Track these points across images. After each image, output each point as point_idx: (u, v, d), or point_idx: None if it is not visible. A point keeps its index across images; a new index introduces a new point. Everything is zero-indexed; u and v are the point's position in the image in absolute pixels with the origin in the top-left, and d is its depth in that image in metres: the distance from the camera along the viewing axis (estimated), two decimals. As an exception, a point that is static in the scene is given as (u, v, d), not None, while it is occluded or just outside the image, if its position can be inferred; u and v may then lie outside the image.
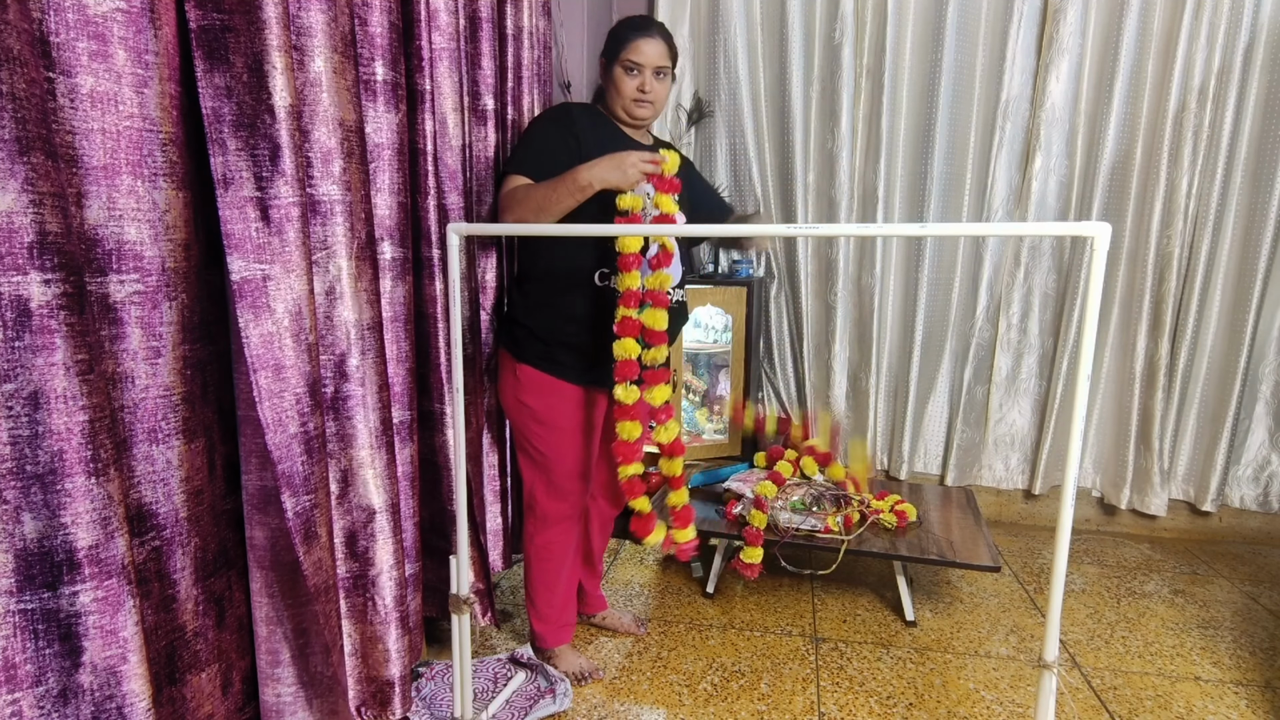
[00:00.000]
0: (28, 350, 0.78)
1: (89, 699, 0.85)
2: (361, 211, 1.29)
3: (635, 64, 1.60)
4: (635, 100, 1.62)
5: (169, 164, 1.00)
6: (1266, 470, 2.61)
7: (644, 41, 1.59)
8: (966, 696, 1.73)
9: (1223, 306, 2.54)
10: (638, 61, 1.59)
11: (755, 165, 2.81)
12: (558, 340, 1.63)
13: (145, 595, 1.00)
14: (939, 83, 2.57)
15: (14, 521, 0.79)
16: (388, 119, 1.39)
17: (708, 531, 2.11)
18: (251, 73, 1.02)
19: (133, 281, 0.97)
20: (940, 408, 2.82)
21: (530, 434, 1.69)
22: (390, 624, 1.40)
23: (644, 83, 1.61)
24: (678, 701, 1.70)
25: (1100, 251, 1.05)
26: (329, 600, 1.23)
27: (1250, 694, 1.77)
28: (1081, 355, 1.08)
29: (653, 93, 1.62)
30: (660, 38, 1.61)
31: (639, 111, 1.64)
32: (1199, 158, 2.45)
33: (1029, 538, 2.71)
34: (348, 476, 1.32)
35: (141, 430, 0.99)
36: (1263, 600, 2.25)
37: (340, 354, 1.27)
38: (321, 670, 1.25)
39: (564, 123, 1.63)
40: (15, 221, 0.76)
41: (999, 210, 2.65)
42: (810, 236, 2.80)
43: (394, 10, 1.38)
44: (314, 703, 1.27)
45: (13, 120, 0.75)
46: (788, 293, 2.89)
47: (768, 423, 1.70)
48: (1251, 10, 2.33)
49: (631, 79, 1.61)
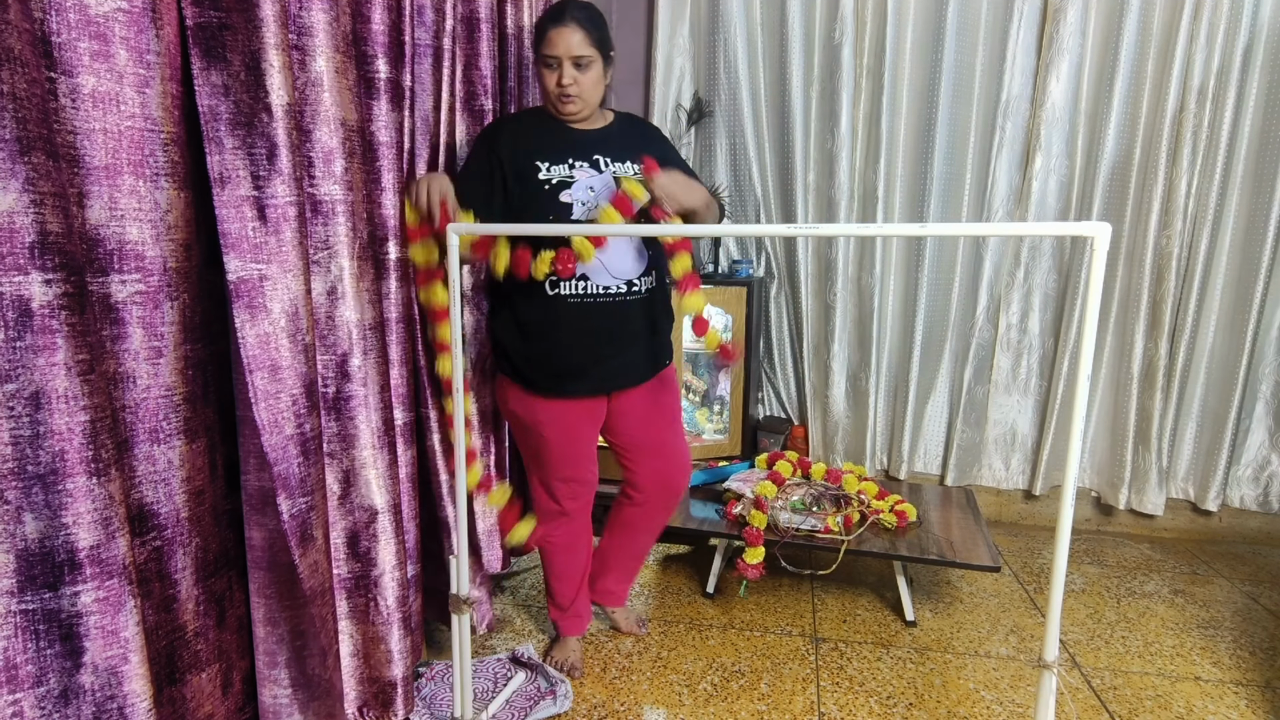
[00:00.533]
0: (29, 350, 0.78)
1: (90, 699, 0.85)
2: (364, 211, 1.29)
3: (551, 57, 1.49)
4: (557, 96, 1.52)
5: (170, 164, 0.99)
6: (1266, 470, 2.61)
7: (556, 32, 1.47)
8: (966, 696, 1.73)
9: (1222, 306, 2.54)
10: (553, 54, 1.48)
11: (755, 165, 2.81)
12: (520, 353, 1.61)
13: (146, 595, 1.00)
14: (939, 83, 2.57)
15: (15, 522, 0.79)
16: (391, 118, 1.39)
17: (708, 531, 2.11)
18: (249, 71, 1.02)
19: (134, 281, 0.96)
20: (940, 407, 2.82)
21: (517, 437, 1.75)
22: (392, 625, 1.40)
23: (561, 76, 1.49)
24: (678, 701, 1.70)
25: (1100, 251, 1.05)
26: (325, 603, 1.23)
27: (1250, 694, 1.77)
28: (1082, 355, 1.08)
29: (575, 85, 1.49)
30: (576, 23, 1.47)
31: (564, 107, 1.53)
32: (1198, 158, 2.44)
33: (1029, 538, 2.71)
34: (350, 477, 1.32)
35: (143, 430, 0.99)
36: (1263, 600, 2.25)
37: (343, 354, 1.27)
38: (318, 673, 1.25)
39: (489, 142, 1.58)
40: (16, 221, 0.76)
41: (999, 210, 2.65)
42: (810, 236, 2.80)
43: (394, 9, 1.38)
44: (310, 706, 1.26)
45: (14, 120, 0.75)
46: (787, 293, 2.89)
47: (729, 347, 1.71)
48: (1251, 10, 2.34)
49: (550, 74, 1.51)
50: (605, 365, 1.62)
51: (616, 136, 1.62)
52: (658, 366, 1.71)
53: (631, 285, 1.58)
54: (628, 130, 1.66)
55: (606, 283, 1.55)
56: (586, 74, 1.51)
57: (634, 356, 1.65)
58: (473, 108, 1.76)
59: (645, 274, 1.61)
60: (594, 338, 1.58)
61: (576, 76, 1.50)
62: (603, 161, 1.58)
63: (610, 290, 1.56)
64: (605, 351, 1.60)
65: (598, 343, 1.59)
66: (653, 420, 1.73)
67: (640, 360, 1.67)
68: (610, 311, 1.58)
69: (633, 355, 1.65)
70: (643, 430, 1.72)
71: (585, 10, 1.51)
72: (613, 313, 1.58)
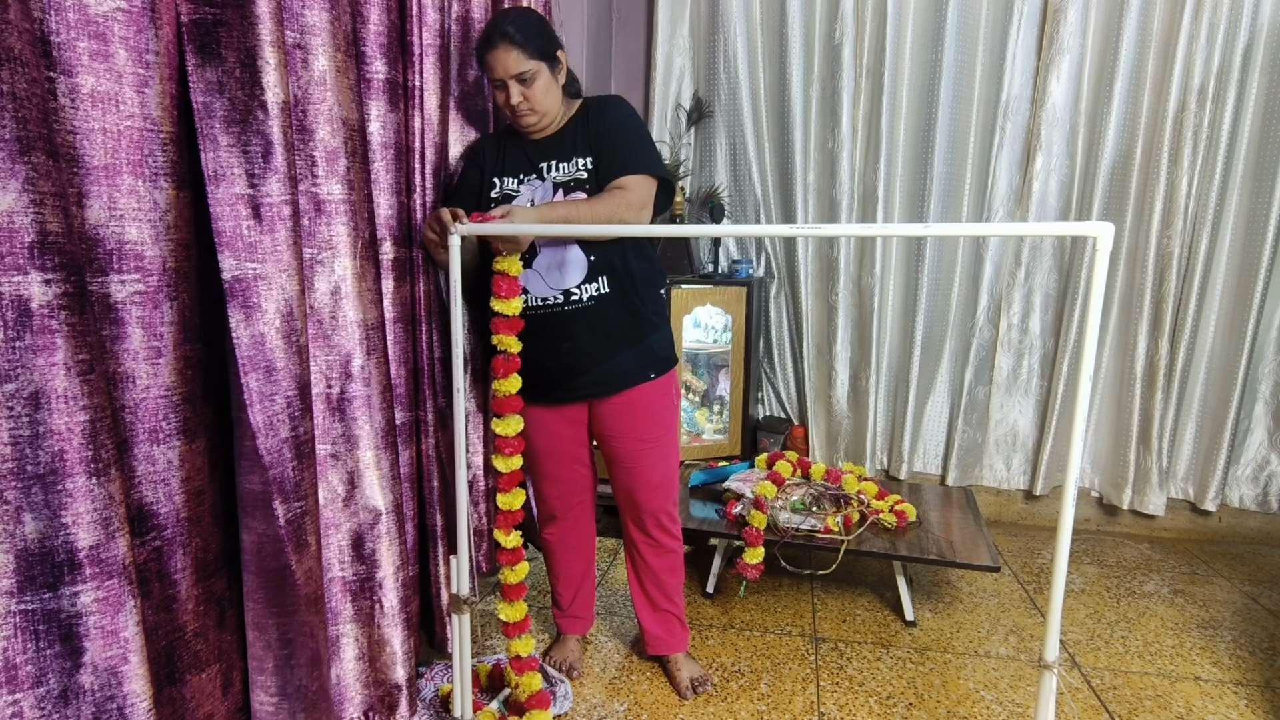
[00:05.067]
0: (28, 350, 0.78)
1: (90, 699, 0.85)
2: (365, 211, 1.29)
3: (496, 80, 1.51)
4: (512, 113, 1.54)
5: (170, 163, 0.99)
6: (1266, 470, 2.61)
7: (491, 55, 1.49)
8: (966, 696, 1.73)
9: (1222, 306, 2.54)
10: (495, 77, 1.51)
11: (755, 165, 2.81)
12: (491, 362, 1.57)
13: (146, 595, 1.00)
14: (939, 83, 2.57)
15: (15, 522, 0.79)
16: (391, 118, 1.38)
17: (708, 531, 2.11)
18: (244, 68, 1.02)
19: (134, 281, 0.96)
20: (941, 408, 2.82)
21: None
22: (397, 626, 1.40)
23: (510, 96, 1.50)
24: (677, 702, 1.70)
25: (1102, 251, 1.05)
26: (316, 611, 1.21)
27: (1250, 694, 1.77)
28: (1083, 355, 1.08)
29: (525, 100, 1.50)
30: (509, 42, 1.46)
31: (522, 121, 1.55)
32: (1199, 158, 2.45)
33: (1029, 538, 2.71)
34: (354, 478, 1.31)
35: (142, 430, 0.99)
36: (1262, 600, 2.25)
37: (346, 354, 1.27)
38: (306, 683, 1.22)
39: (473, 158, 1.64)
40: (16, 221, 0.76)
41: (999, 210, 2.65)
42: (810, 236, 2.80)
43: (393, 9, 1.38)
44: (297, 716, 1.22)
45: (13, 120, 0.75)
46: (788, 293, 2.89)
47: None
48: (1251, 10, 2.34)
49: (500, 94, 1.52)
50: (572, 374, 1.58)
51: (569, 136, 1.58)
52: (631, 379, 1.60)
53: (570, 295, 1.53)
54: (580, 122, 1.60)
55: (544, 294, 1.54)
56: (533, 86, 1.50)
57: (602, 366, 1.58)
58: (469, 107, 1.76)
59: (588, 281, 1.54)
60: (544, 347, 1.55)
61: (524, 92, 1.50)
62: (546, 168, 1.57)
63: (548, 301, 1.54)
64: (567, 360, 1.57)
65: (554, 352, 1.56)
66: (623, 433, 1.63)
67: (607, 370, 1.59)
68: (550, 322, 1.54)
69: (601, 364, 1.58)
70: (614, 443, 1.65)
71: (515, 23, 1.48)
72: (553, 323, 1.55)
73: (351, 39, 1.23)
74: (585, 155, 1.55)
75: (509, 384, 1.45)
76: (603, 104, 1.61)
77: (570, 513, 1.77)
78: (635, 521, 1.72)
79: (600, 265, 1.54)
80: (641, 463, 1.65)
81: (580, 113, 1.61)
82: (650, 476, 1.67)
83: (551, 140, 1.59)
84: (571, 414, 1.66)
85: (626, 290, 1.57)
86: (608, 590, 2.24)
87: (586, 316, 1.54)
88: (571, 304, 1.54)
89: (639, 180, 1.52)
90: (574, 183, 1.54)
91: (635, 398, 1.62)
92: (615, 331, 1.57)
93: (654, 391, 1.64)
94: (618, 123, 1.57)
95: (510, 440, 1.47)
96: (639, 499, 1.68)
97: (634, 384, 1.61)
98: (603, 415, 1.64)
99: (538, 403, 1.61)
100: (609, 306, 1.56)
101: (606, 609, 2.12)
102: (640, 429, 1.64)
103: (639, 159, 1.53)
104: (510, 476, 1.48)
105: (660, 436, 1.66)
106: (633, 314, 1.58)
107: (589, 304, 1.54)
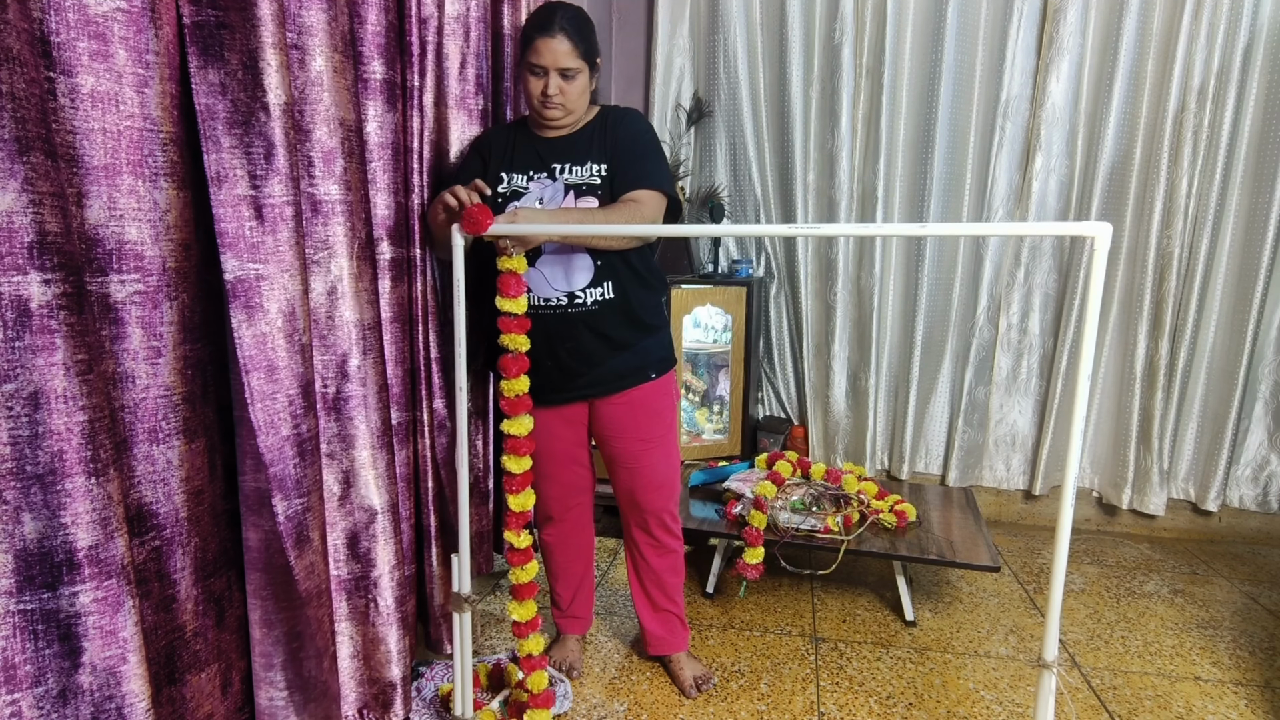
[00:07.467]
0: (28, 350, 0.78)
1: (88, 699, 0.85)
2: (362, 211, 1.29)
3: (538, 66, 1.49)
4: (542, 103, 1.52)
5: (170, 163, 0.99)
6: (1266, 470, 2.61)
7: (544, 42, 1.46)
8: (966, 696, 1.73)
9: (1223, 306, 2.54)
10: (539, 64, 1.48)
11: (755, 165, 2.81)
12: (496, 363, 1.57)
13: (145, 595, 1.00)
14: (939, 83, 2.57)
15: (14, 522, 0.79)
16: (389, 118, 1.38)
17: (708, 531, 2.11)
18: (246, 70, 1.02)
19: (133, 281, 0.96)
20: (941, 408, 2.82)
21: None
22: (392, 625, 1.40)
23: (547, 85, 1.49)
24: (678, 701, 1.70)
25: (1101, 251, 1.05)
26: (322, 605, 1.23)
27: (1250, 694, 1.77)
28: (1082, 355, 1.09)
29: (561, 94, 1.50)
30: (565, 35, 1.46)
31: (547, 114, 1.53)
32: (1199, 158, 2.45)
33: (1029, 538, 2.71)
34: (349, 477, 1.32)
35: (142, 430, 0.99)
36: (1262, 600, 2.25)
37: (342, 354, 1.27)
38: (314, 675, 1.24)
39: (478, 149, 1.63)
40: (15, 221, 0.76)
41: (999, 210, 2.65)
42: (810, 236, 2.80)
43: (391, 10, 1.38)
44: (306, 708, 1.25)
45: (12, 120, 0.75)
46: (787, 293, 2.89)
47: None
48: (1251, 10, 2.34)
49: (536, 81, 1.50)
50: (571, 375, 1.59)
51: (584, 140, 1.58)
52: (631, 379, 1.62)
53: (574, 298, 1.54)
54: (598, 128, 1.60)
55: (547, 294, 1.54)
56: (573, 84, 1.50)
57: (600, 368, 1.59)
58: (468, 107, 1.76)
59: (594, 285, 1.54)
60: (547, 348, 1.55)
61: (562, 87, 1.50)
62: (559, 169, 1.56)
63: (551, 302, 1.54)
64: (566, 361, 1.57)
65: (553, 353, 1.56)
66: (624, 434, 1.64)
67: (605, 373, 1.60)
68: (551, 323, 1.55)
69: (599, 367, 1.59)
70: (615, 443, 1.66)
71: (573, 19, 1.48)
72: (554, 324, 1.55)
73: (349, 39, 1.23)
74: (600, 161, 1.55)
75: (518, 384, 1.45)
76: (623, 115, 1.63)
77: (569, 514, 1.77)
78: (637, 522, 1.72)
79: (606, 271, 1.55)
80: (643, 463, 1.66)
81: (598, 119, 1.61)
82: (652, 476, 1.67)
83: (565, 141, 1.59)
84: (571, 414, 1.66)
85: (629, 298, 1.58)
86: (608, 590, 2.24)
87: (588, 319, 1.55)
88: (575, 306, 1.54)
89: (652, 196, 1.53)
90: (586, 187, 1.54)
91: (636, 397, 1.63)
92: (615, 336, 1.58)
93: (655, 391, 1.64)
94: (638, 136, 1.59)
95: (522, 440, 1.46)
96: (641, 499, 1.68)
97: (635, 384, 1.62)
98: (603, 416, 1.64)
99: (537, 403, 1.61)
100: (611, 312, 1.57)
101: (606, 609, 2.12)
102: (642, 429, 1.64)
103: (655, 176, 1.55)
104: (522, 477, 1.48)
105: (661, 436, 1.67)
106: (633, 321, 1.60)
107: (592, 308, 1.55)
